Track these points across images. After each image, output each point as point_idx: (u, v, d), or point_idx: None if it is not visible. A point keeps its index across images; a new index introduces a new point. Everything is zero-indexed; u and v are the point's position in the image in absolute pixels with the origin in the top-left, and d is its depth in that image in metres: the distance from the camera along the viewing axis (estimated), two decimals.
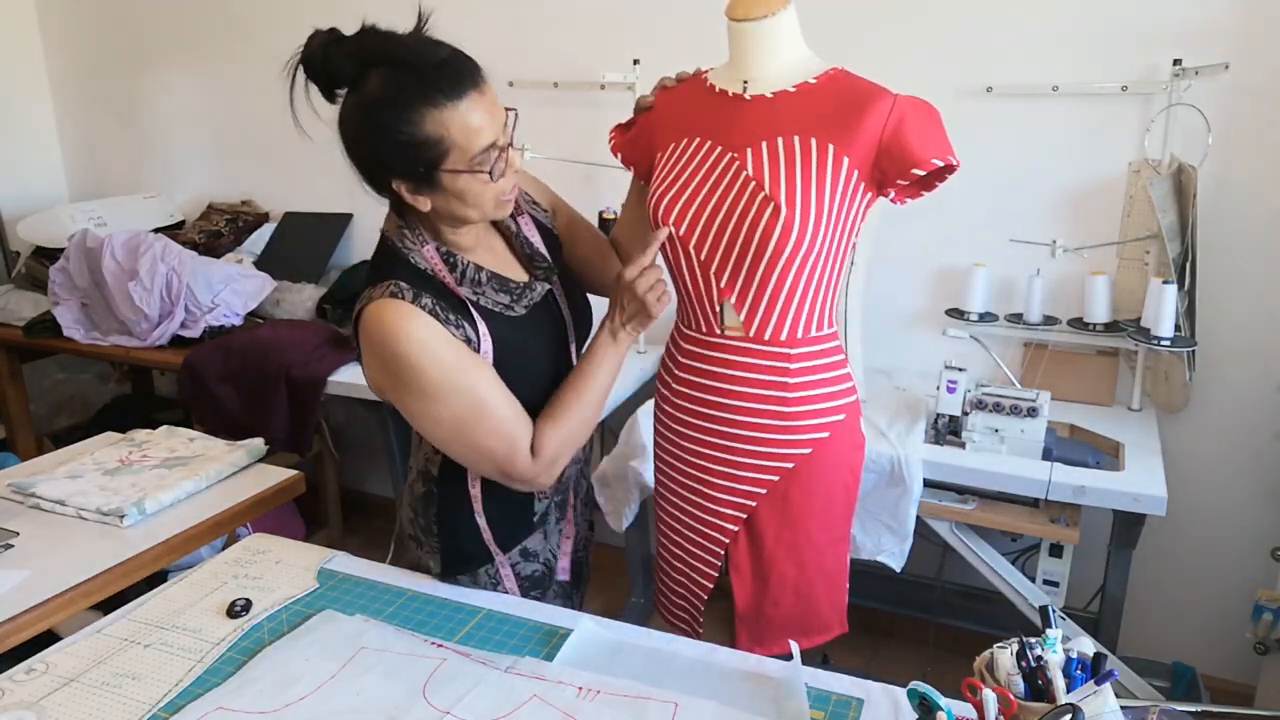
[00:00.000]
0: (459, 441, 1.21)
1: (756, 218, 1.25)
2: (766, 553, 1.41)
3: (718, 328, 1.35)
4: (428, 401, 1.18)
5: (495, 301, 1.24)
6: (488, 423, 1.19)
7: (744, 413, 1.35)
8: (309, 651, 1.13)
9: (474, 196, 1.15)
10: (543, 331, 1.31)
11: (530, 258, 1.32)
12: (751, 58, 1.31)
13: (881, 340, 2.43)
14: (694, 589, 1.50)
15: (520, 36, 2.61)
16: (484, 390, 1.19)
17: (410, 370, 1.15)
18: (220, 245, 3.10)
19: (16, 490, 1.53)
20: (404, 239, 1.21)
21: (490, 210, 1.19)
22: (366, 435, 3.19)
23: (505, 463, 1.21)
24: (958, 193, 2.29)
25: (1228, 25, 2.00)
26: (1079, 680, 0.90)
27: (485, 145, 1.11)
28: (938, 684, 0.91)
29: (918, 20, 2.25)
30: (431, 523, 1.35)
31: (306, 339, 2.55)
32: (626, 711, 1.02)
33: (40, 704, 1.05)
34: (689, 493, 1.45)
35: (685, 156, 1.34)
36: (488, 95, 1.11)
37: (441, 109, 1.08)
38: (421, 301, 1.15)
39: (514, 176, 1.18)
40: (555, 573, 1.43)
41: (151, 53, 3.33)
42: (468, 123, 1.09)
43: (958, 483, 1.95)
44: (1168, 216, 2.00)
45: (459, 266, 1.21)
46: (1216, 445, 2.22)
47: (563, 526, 1.44)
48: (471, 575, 1.35)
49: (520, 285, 1.27)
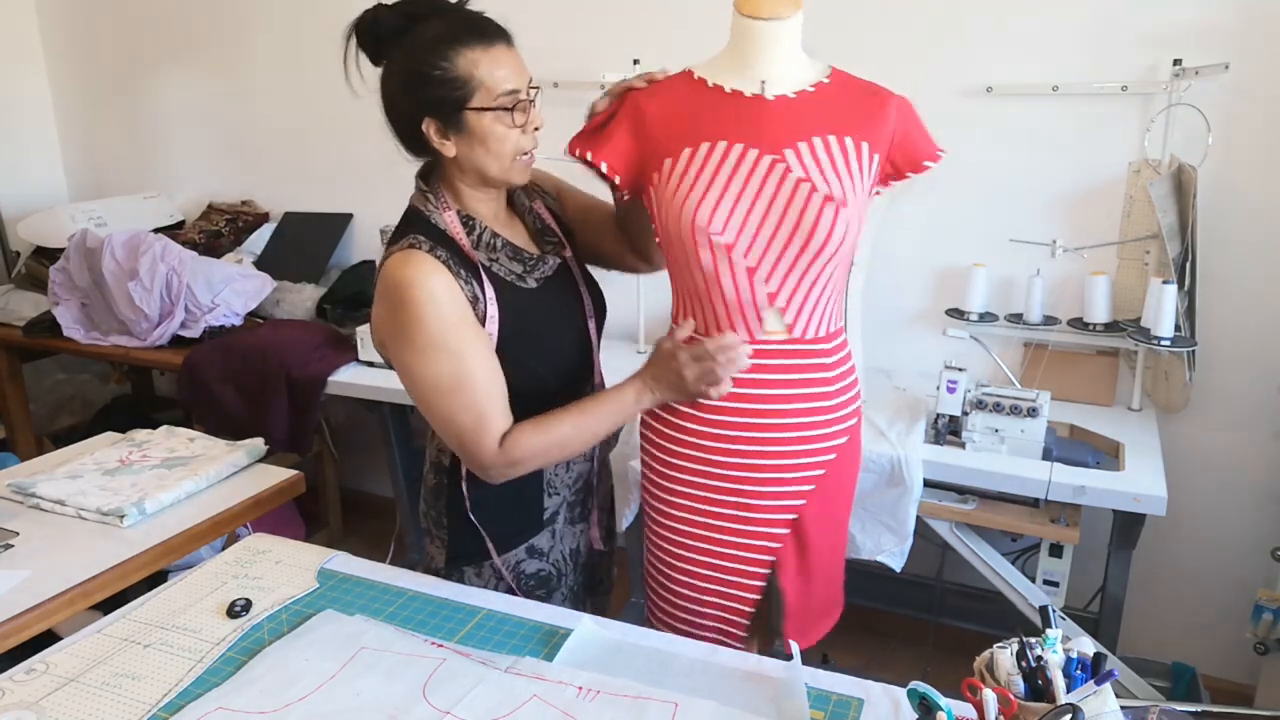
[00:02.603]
0: (432, 404, 1.23)
1: (816, 218, 1.24)
2: (812, 546, 1.40)
3: (758, 333, 1.32)
4: (416, 354, 1.20)
5: (509, 270, 1.28)
6: (465, 395, 1.20)
7: (790, 414, 1.34)
8: (309, 651, 1.13)
9: (496, 141, 1.21)
10: (555, 307, 1.33)
11: (542, 233, 1.37)
12: (769, 57, 1.30)
13: (881, 340, 2.43)
14: (738, 604, 1.42)
15: (520, 36, 2.61)
16: (472, 363, 1.20)
17: (410, 317, 1.18)
18: (220, 245, 3.10)
19: (16, 490, 1.53)
20: (427, 203, 1.26)
21: (508, 165, 1.24)
22: (366, 435, 3.19)
23: (470, 441, 1.22)
24: (958, 193, 2.30)
25: (1228, 25, 2.00)
26: (1079, 680, 0.90)
27: (509, 88, 1.20)
28: (938, 684, 0.91)
29: (918, 20, 2.25)
30: (441, 514, 1.37)
31: (306, 339, 2.55)
32: (626, 711, 1.02)
33: (40, 704, 1.05)
34: (730, 508, 1.38)
35: (713, 162, 1.27)
36: (515, 54, 1.23)
37: (474, 49, 1.18)
38: (437, 253, 1.20)
39: (534, 138, 1.25)
40: (566, 575, 1.43)
41: (151, 53, 3.33)
42: (495, 66, 1.19)
43: (958, 483, 1.95)
44: (1168, 216, 2.00)
45: (476, 230, 1.26)
46: (1216, 445, 2.22)
47: (583, 525, 1.45)
48: (477, 568, 1.36)
49: (533, 257, 1.31)
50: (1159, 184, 1.98)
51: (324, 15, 2.84)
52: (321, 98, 2.97)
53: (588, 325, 1.38)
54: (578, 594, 1.47)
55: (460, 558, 1.36)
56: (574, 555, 1.44)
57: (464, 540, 1.35)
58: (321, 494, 3.16)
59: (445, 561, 1.37)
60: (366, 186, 3.02)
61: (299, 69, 3.03)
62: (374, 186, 2.90)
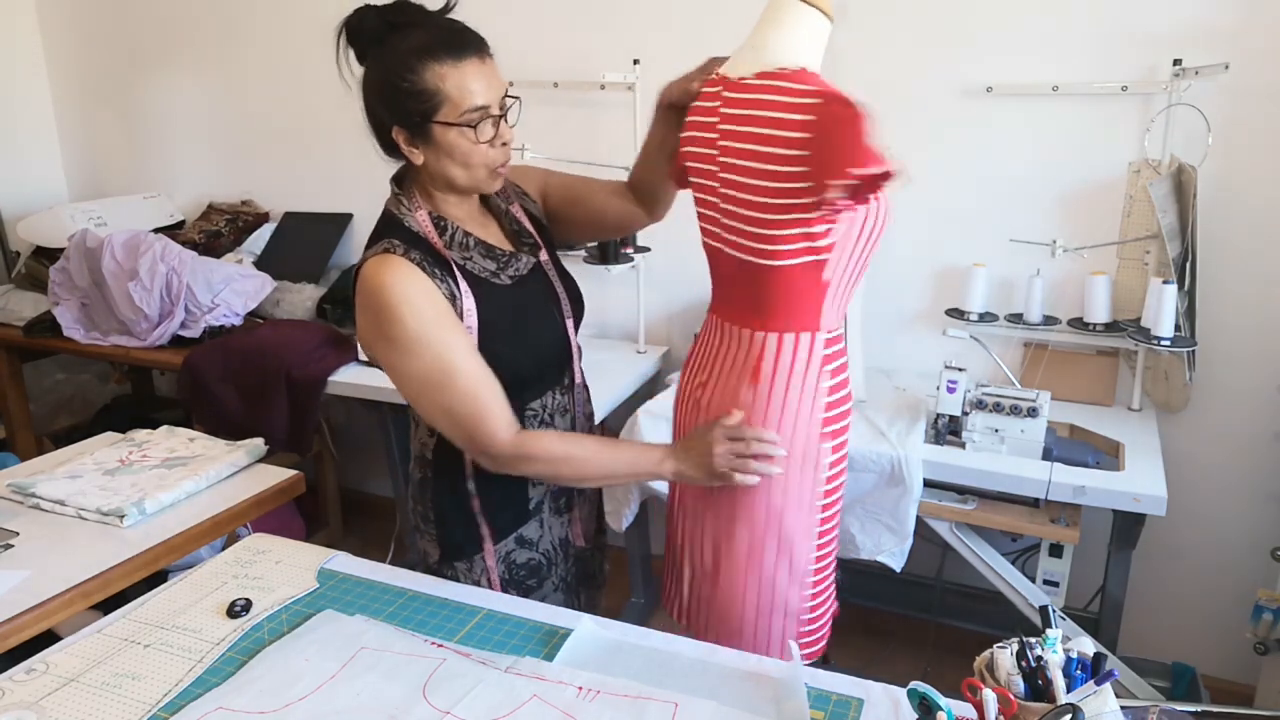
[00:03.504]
0: (426, 400, 1.25)
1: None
2: None
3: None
4: (400, 353, 1.22)
5: (482, 268, 1.29)
6: (457, 386, 1.22)
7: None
8: (309, 651, 1.13)
9: (461, 155, 1.22)
10: (531, 303, 1.35)
11: (517, 234, 1.38)
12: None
13: (881, 340, 2.43)
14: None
15: (520, 36, 2.61)
16: (456, 355, 1.22)
17: (390, 319, 1.20)
18: (220, 245, 3.10)
19: (16, 490, 1.53)
20: (400, 205, 1.28)
21: (481, 178, 1.25)
22: (366, 435, 3.19)
23: (474, 428, 1.24)
24: (958, 193, 2.30)
25: (1228, 25, 2.00)
26: (1079, 680, 0.90)
27: (475, 105, 1.19)
28: (938, 684, 0.90)
29: (918, 20, 2.25)
30: (429, 509, 1.38)
31: (306, 339, 2.55)
32: (626, 711, 1.02)
33: (40, 704, 1.05)
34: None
35: None
36: (488, 67, 1.22)
37: (442, 64, 1.18)
38: (410, 255, 1.21)
39: (504, 152, 1.25)
40: (556, 564, 1.44)
41: (151, 53, 3.33)
42: (463, 81, 1.19)
43: (958, 483, 1.95)
44: (1168, 216, 2.00)
45: (448, 230, 1.28)
46: (1216, 445, 2.22)
47: (568, 518, 1.45)
48: (468, 561, 1.37)
49: (506, 254, 1.33)
50: (1159, 184, 1.98)
51: (323, 15, 2.82)
52: (321, 98, 2.97)
53: (565, 323, 1.40)
54: (570, 585, 1.48)
55: (453, 550, 1.37)
56: (563, 545, 1.45)
57: (456, 532, 1.36)
58: (321, 494, 3.16)
59: (439, 555, 1.38)
60: (366, 186, 3.00)
61: (299, 69, 3.03)
62: (374, 186, 2.86)
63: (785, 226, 1.23)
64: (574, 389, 1.44)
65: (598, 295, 2.58)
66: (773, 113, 1.20)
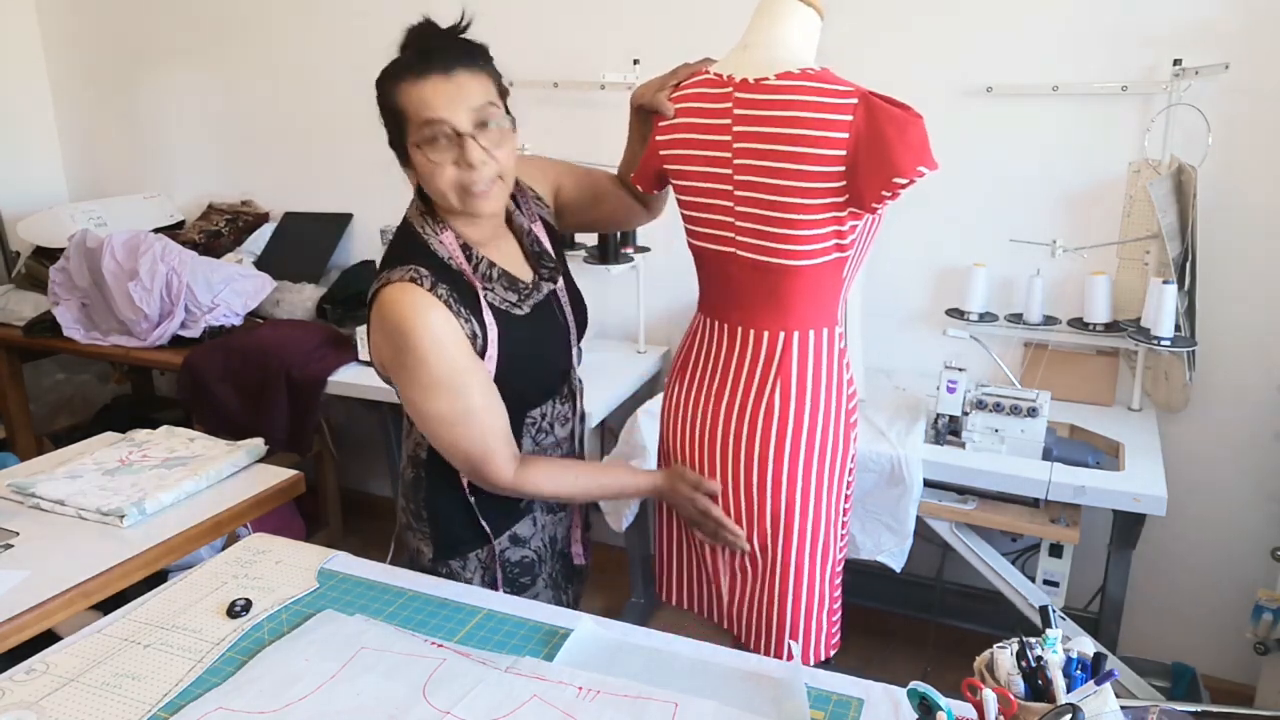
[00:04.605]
0: (438, 434, 1.26)
1: None
2: None
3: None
4: (420, 391, 1.22)
5: (503, 299, 1.27)
6: (471, 428, 1.24)
7: None
8: (309, 651, 1.13)
9: (426, 175, 1.19)
10: (545, 331, 1.35)
11: (539, 256, 1.36)
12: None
13: (881, 340, 2.43)
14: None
15: (520, 36, 2.61)
16: (473, 398, 1.22)
17: (416, 360, 1.19)
18: (220, 245, 3.10)
19: (16, 490, 1.53)
20: (425, 223, 1.25)
21: (453, 199, 1.20)
22: (366, 435, 3.19)
23: (478, 466, 1.27)
24: (958, 193, 2.30)
25: (1228, 25, 2.00)
26: (1079, 680, 0.90)
27: (426, 117, 1.15)
28: (938, 684, 0.90)
29: (918, 20, 2.25)
30: (421, 508, 1.38)
31: (306, 339, 2.55)
32: (626, 711, 1.02)
33: (40, 704, 1.05)
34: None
35: None
36: (455, 82, 1.15)
37: (406, 83, 1.16)
38: (438, 291, 1.19)
39: (473, 174, 1.17)
40: (546, 561, 1.45)
41: (151, 53, 3.33)
42: (420, 97, 1.15)
43: (958, 483, 1.95)
44: (1168, 216, 1.99)
45: (474, 259, 1.25)
46: (1216, 445, 2.22)
47: (562, 514, 1.47)
48: (462, 559, 1.37)
49: (527, 285, 1.31)
50: (1159, 184, 1.98)
51: (324, 16, 2.84)
52: (321, 98, 2.96)
53: (570, 346, 1.42)
54: (558, 581, 1.50)
55: (447, 549, 1.38)
56: (552, 543, 1.47)
57: (450, 531, 1.37)
58: (321, 494, 3.15)
59: (433, 554, 1.39)
60: (366, 186, 3.02)
61: (299, 69, 3.03)
62: (374, 186, 2.90)
63: (819, 226, 1.23)
64: (574, 397, 1.45)
65: (598, 295, 2.58)
66: (809, 113, 1.20)
